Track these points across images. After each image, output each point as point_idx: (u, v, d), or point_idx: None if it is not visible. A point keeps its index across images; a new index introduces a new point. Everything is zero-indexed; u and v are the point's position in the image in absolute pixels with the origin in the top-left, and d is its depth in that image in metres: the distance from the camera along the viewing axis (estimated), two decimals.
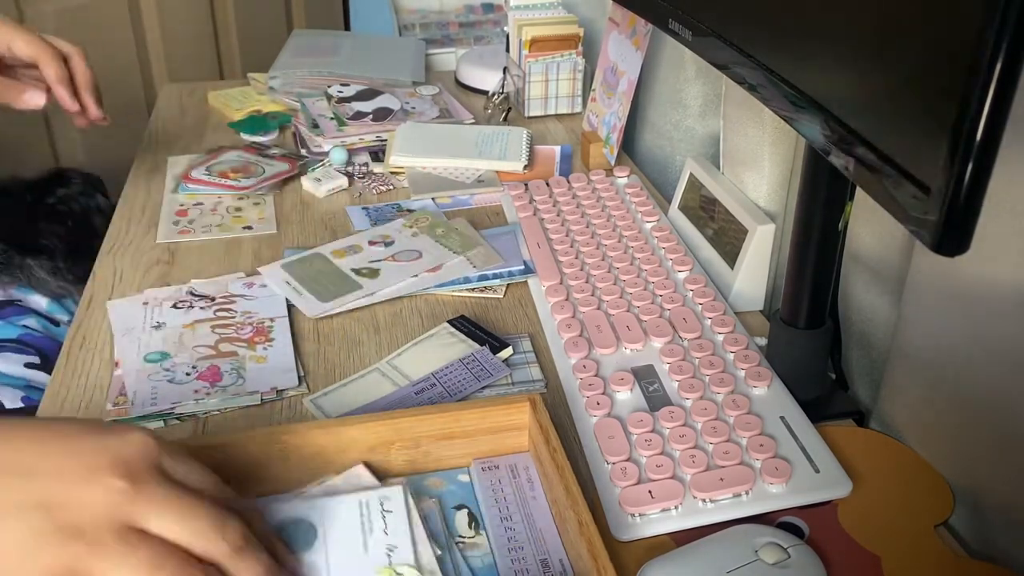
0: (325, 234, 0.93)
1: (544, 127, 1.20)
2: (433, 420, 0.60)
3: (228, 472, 0.58)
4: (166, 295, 0.80)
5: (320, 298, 0.79)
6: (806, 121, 0.51)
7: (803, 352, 0.68)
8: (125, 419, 0.66)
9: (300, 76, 1.25)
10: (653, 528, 0.57)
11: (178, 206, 0.98)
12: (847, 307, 0.76)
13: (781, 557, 0.52)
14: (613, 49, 1.05)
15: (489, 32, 1.62)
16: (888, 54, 0.43)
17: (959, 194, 0.38)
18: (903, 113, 0.42)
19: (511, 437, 0.62)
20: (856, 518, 0.58)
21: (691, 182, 0.91)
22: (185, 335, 0.75)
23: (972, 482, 0.59)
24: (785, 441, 0.62)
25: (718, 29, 0.61)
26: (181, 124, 1.22)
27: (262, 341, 0.74)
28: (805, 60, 0.51)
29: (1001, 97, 0.36)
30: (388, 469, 0.61)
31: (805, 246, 0.65)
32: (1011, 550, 0.57)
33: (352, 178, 1.04)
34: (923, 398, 0.63)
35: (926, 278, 0.60)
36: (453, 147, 1.07)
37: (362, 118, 1.14)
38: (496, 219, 0.96)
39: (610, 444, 0.62)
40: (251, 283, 0.82)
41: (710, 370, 0.68)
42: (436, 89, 1.26)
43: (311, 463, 0.59)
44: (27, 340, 0.91)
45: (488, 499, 0.59)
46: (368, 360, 0.74)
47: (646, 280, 0.81)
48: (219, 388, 0.68)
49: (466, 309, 0.80)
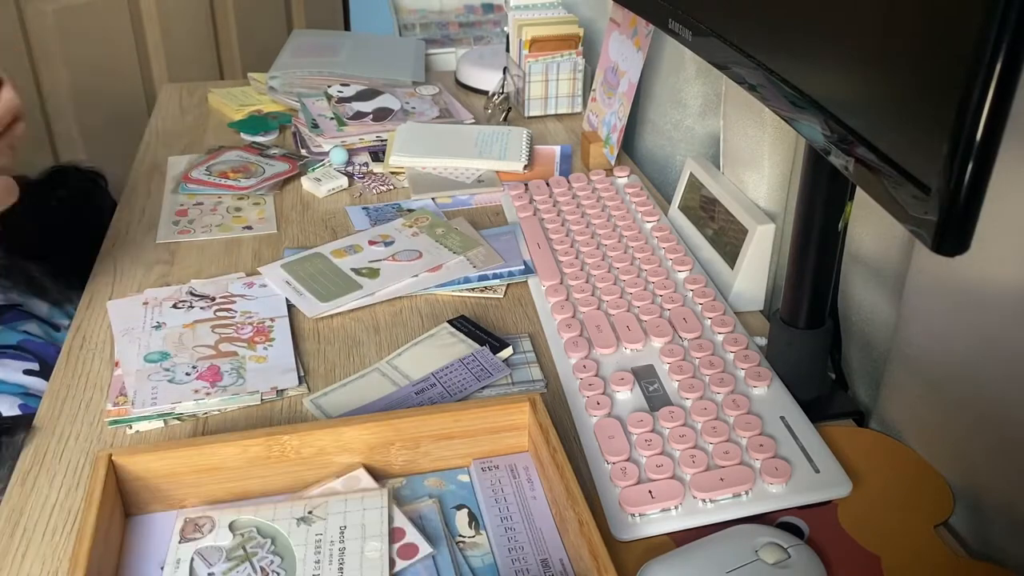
0: (325, 234, 0.93)
1: (544, 127, 1.20)
2: (433, 420, 0.60)
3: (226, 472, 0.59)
4: (166, 295, 0.80)
5: (320, 298, 0.79)
6: (806, 121, 0.51)
7: (803, 352, 0.68)
8: (125, 419, 0.66)
9: (300, 76, 1.25)
10: (653, 528, 0.57)
11: (178, 206, 0.98)
12: (847, 307, 0.76)
13: (781, 557, 0.52)
14: (614, 49, 1.05)
15: (489, 32, 1.62)
16: (888, 54, 0.43)
17: (959, 194, 0.38)
18: (903, 113, 0.42)
19: (511, 437, 0.63)
20: (856, 518, 0.58)
21: (691, 182, 0.91)
22: (185, 335, 0.75)
23: (972, 482, 0.59)
24: (785, 441, 0.62)
25: (718, 29, 0.61)
26: (181, 124, 1.22)
27: (262, 341, 0.74)
28: (805, 60, 0.51)
29: (1001, 97, 0.36)
30: (388, 469, 0.61)
31: (805, 246, 0.65)
32: (1011, 550, 0.57)
33: (352, 178, 1.04)
34: (923, 398, 0.63)
35: (926, 278, 0.60)
36: (453, 147, 1.07)
37: (362, 118, 1.14)
38: (496, 219, 0.96)
39: (610, 444, 0.62)
40: (251, 283, 0.82)
41: (710, 370, 0.68)
42: (436, 89, 1.26)
43: (311, 463, 0.59)
44: (27, 347, 0.91)
45: (488, 499, 0.59)
46: (368, 360, 0.74)
47: (646, 280, 0.81)
48: (219, 388, 0.68)
49: (466, 309, 0.80)
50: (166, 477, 0.58)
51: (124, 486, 0.57)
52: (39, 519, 0.58)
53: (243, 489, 0.59)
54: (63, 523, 0.58)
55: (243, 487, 0.59)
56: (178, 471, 0.58)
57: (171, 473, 0.57)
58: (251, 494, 0.59)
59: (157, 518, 0.58)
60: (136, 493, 0.58)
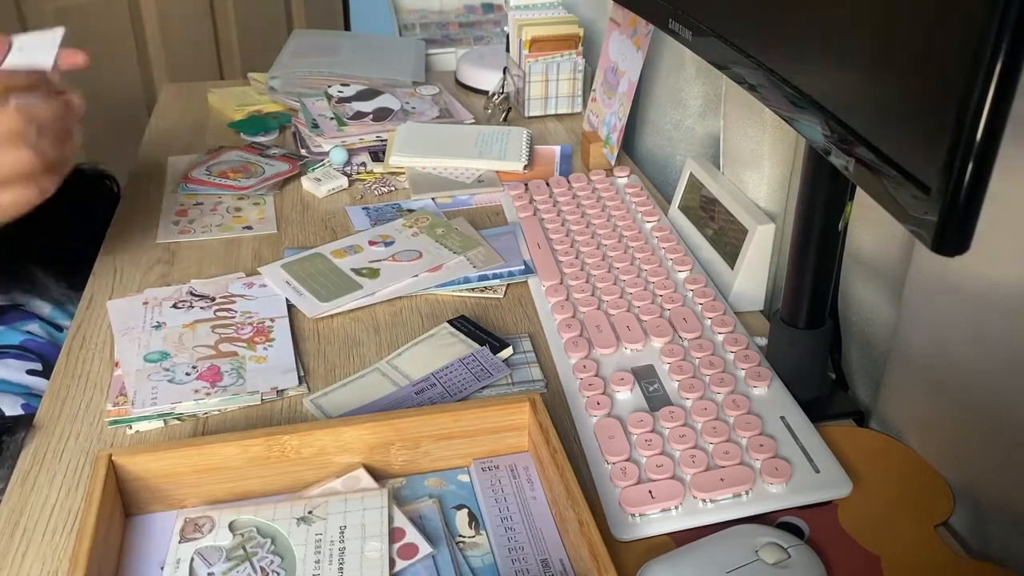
0: (325, 234, 0.93)
1: (544, 127, 1.20)
2: (433, 420, 0.60)
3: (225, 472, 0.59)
4: (166, 295, 0.80)
5: (320, 298, 0.79)
6: (806, 121, 0.51)
7: (803, 352, 0.68)
8: (125, 419, 0.66)
9: (300, 76, 1.25)
10: (653, 528, 0.57)
11: (178, 206, 0.98)
12: (847, 307, 0.76)
13: (781, 557, 0.52)
14: (614, 49, 1.05)
15: (489, 32, 1.62)
16: (888, 54, 0.43)
17: (959, 194, 0.38)
18: (903, 113, 0.42)
19: (511, 437, 0.63)
20: (856, 518, 0.58)
21: (691, 182, 0.91)
22: (185, 335, 0.75)
23: (972, 482, 0.59)
24: (785, 441, 0.62)
25: (718, 29, 0.61)
26: (181, 124, 1.22)
27: (262, 341, 0.74)
28: (805, 60, 0.51)
29: (1001, 97, 0.36)
30: (388, 469, 0.61)
31: (805, 246, 0.65)
32: (1011, 550, 0.57)
33: (351, 178, 1.04)
34: (923, 398, 0.63)
35: (926, 278, 0.60)
36: (453, 147, 1.07)
37: (362, 118, 1.14)
38: (496, 219, 0.96)
39: (610, 444, 0.62)
40: (251, 283, 0.82)
41: (710, 370, 0.68)
42: (436, 89, 1.26)
43: (311, 463, 0.59)
44: (30, 346, 0.91)
45: (488, 499, 0.59)
46: (368, 360, 0.74)
47: (646, 280, 0.81)
48: (219, 388, 0.68)
49: (466, 309, 0.80)
50: (166, 477, 0.58)
51: (124, 486, 0.57)
52: (39, 519, 0.58)
53: (243, 489, 0.59)
54: (63, 523, 0.58)
55: (243, 487, 0.59)
56: (178, 471, 0.58)
57: (171, 473, 0.57)
58: (251, 494, 0.59)
59: (157, 518, 0.58)
60: (136, 493, 0.58)
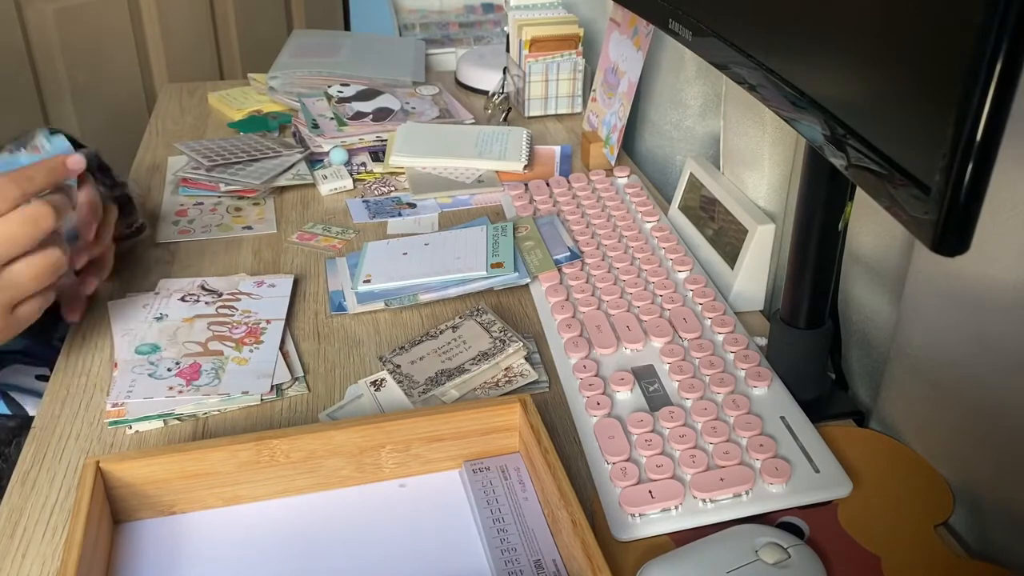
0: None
1: (544, 127, 1.20)
2: (423, 422, 0.60)
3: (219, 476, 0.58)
4: (179, 286, 0.81)
5: None
6: (806, 121, 0.51)
7: (803, 352, 0.68)
8: (124, 420, 0.66)
9: (300, 76, 1.25)
10: (653, 528, 0.57)
11: (178, 206, 0.98)
12: (847, 307, 0.76)
13: (781, 557, 0.52)
14: (614, 49, 1.05)
15: (489, 32, 1.62)
16: (888, 54, 0.43)
17: (959, 194, 0.38)
18: (903, 113, 0.42)
19: (502, 438, 0.62)
20: (856, 518, 0.58)
21: (691, 182, 0.91)
22: (181, 329, 0.75)
23: (972, 482, 0.59)
24: (785, 441, 0.62)
25: (718, 29, 0.61)
26: (181, 124, 1.22)
27: (251, 343, 0.74)
28: (805, 60, 0.51)
29: (1001, 97, 0.36)
30: (379, 472, 0.61)
31: (805, 246, 0.65)
32: (1011, 550, 0.57)
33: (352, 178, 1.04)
34: (923, 398, 0.63)
35: (926, 278, 0.60)
36: (453, 147, 1.07)
37: (362, 118, 1.14)
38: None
39: (610, 444, 0.62)
40: (261, 282, 0.83)
41: (710, 370, 0.68)
42: (436, 89, 1.26)
43: (301, 467, 0.59)
44: (32, 351, 0.91)
45: (480, 500, 0.59)
46: (368, 360, 0.74)
47: (646, 280, 0.81)
48: (193, 387, 0.68)
49: (466, 309, 0.80)
50: (155, 483, 0.57)
51: (112, 493, 0.56)
52: (39, 519, 0.58)
53: (234, 494, 0.59)
54: (63, 523, 0.58)
55: (233, 492, 0.59)
56: (167, 477, 0.57)
57: (160, 479, 0.57)
58: (242, 499, 0.59)
59: (146, 525, 0.58)
60: (125, 500, 0.57)
